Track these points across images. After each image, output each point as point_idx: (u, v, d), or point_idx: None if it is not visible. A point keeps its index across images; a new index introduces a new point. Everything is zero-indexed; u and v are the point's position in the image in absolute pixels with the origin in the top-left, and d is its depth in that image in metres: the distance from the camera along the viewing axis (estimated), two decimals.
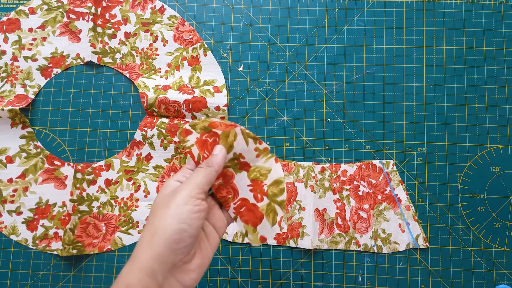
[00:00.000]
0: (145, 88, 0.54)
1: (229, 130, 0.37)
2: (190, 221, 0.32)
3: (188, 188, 0.33)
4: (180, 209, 0.32)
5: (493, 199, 0.53)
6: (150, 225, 0.32)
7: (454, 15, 0.57)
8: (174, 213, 0.32)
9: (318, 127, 0.55)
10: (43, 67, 0.56)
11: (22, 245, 0.52)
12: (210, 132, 0.37)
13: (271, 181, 0.37)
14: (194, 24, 0.57)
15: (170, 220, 0.31)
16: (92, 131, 0.55)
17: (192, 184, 0.34)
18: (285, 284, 0.51)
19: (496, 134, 0.54)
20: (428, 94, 0.55)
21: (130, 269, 0.31)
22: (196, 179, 0.34)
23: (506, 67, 0.56)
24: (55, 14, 0.57)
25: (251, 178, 0.37)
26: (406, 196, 0.53)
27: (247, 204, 0.37)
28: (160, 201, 0.34)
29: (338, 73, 0.56)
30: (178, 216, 0.31)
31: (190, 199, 0.32)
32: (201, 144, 0.37)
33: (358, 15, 0.57)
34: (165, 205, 0.33)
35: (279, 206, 0.37)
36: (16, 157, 0.54)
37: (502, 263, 0.52)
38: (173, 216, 0.31)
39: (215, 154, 0.36)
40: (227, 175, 0.38)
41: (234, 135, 0.37)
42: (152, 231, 0.32)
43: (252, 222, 0.37)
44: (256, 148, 0.37)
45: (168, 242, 0.31)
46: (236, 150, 0.37)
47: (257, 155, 0.37)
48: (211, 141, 0.37)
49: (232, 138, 0.37)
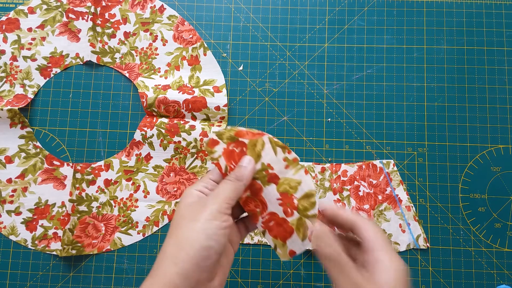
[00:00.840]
0: (145, 88, 0.54)
1: (256, 139, 0.35)
2: (217, 238, 0.30)
3: (217, 202, 0.32)
4: (208, 224, 0.30)
5: (494, 199, 0.53)
6: (174, 238, 0.31)
7: (455, 15, 0.57)
8: (202, 228, 0.30)
9: (318, 127, 0.55)
10: (42, 67, 0.56)
11: (21, 246, 0.52)
12: (236, 141, 0.35)
13: (302, 194, 0.35)
14: (193, 23, 0.57)
15: (198, 235, 0.30)
16: (92, 131, 0.55)
17: (221, 198, 0.32)
18: (285, 285, 0.51)
19: (497, 134, 0.54)
20: (429, 94, 0.55)
21: (152, 284, 0.29)
22: (224, 192, 0.33)
23: (507, 66, 0.56)
24: (55, 13, 0.57)
25: (281, 191, 0.35)
26: (406, 196, 0.53)
27: (277, 219, 0.35)
28: (184, 213, 0.32)
29: (338, 73, 0.56)
30: (206, 231, 0.30)
31: (218, 215, 0.31)
32: (228, 155, 0.36)
33: (359, 15, 0.57)
34: (191, 218, 0.31)
35: (310, 220, 0.35)
36: (15, 157, 0.54)
37: (503, 264, 0.51)
38: (200, 231, 0.30)
39: (244, 166, 0.34)
40: (255, 187, 0.36)
41: (262, 144, 0.35)
42: (177, 245, 0.30)
43: (282, 236, 0.35)
44: (285, 158, 0.35)
45: (195, 259, 0.29)
46: (264, 160, 0.35)
47: (286, 166, 0.35)
48: (238, 152, 0.35)
49: (260, 148, 0.35)
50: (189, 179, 0.54)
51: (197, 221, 0.30)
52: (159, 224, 0.53)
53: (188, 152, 0.53)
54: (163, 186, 0.54)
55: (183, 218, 0.32)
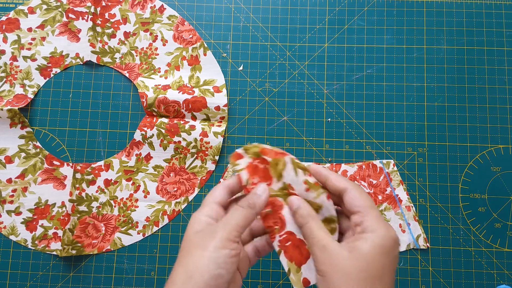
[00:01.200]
0: (145, 88, 0.54)
1: (278, 158, 0.35)
2: (227, 266, 0.30)
3: (227, 230, 0.31)
4: (218, 252, 0.30)
5: (494, 199, 0.53)
6: (183, 265, 0.30)
7: (454, 15, 0.57)
8: (211, 256, 0.30)
9: (318, 127, 0.55)
10: (42, 67, 0.56)
11: (21, 246, 0.52)
12: (260, 158, 0.35)
13: (322, 218, 0.34)
14: (193, 23, 0.57)
15: (207, 264, 0.29)
16: (92, 131, 0.55)
17: (231, 226, 0.31)
18: (285, 285, 0.51)
19: (497, 134, 0.54)
20: (429, 94, 0.55)
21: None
22: (235, 220, 0.32)
23: (507, 66, 0.56)
24: (55, 13, 0.57)
25: None
26: (406, 196, 0.53)
27: (294, 239, 0.34)
28: (193, 239, 0.31)
29: (338, 73, 0.56)
30: (215, 260, 0.30)
31: (227, 243, 0.30)
32: (252, 169, 0.35)
33: (359, 15, 0.57)
34: (201, 246, 0.30)
35: None
36: (15, 157, 0.54)
37: (503, 264, 0.51)
38: (210, 260, 0.30)
39: (258, 194, 0.34)
40: (276, 205, 0.35)
41: (284, 164, 0.35)
42: (186, 274, 0.30)
43: (297, 260, 0.34)
44: (305, 181, 0.35)
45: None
46: (286, 180, 0.35)
47: (307, 189, 0.35)
48: (262, 168, 0.35)
49: (282, 167, 0.35)
50: (189, 179, 0.54)
51: (206, 249, 0.30)
52: (159, 224, 0.53)
53: (188, 152, 0.53)
54: (163, 186, 0.54)
55: (192, 246, 0.31)
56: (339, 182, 0.33)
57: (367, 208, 0.31)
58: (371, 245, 0.29)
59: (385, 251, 0.30)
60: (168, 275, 0.52)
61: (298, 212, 0.34)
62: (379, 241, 0.30)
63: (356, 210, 0.31)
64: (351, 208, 0.32)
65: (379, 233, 0.30)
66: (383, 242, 0.30)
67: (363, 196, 0.32)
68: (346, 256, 0.29)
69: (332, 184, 0.34)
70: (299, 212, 0.34)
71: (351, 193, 0.32)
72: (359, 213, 0.31)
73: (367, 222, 0.30)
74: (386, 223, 0.31)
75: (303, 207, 0.34)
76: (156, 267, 0.52)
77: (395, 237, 0.30)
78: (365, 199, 0.32)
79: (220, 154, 0.54)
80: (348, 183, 0.33)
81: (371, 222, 0.30)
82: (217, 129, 0.53)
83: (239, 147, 0.35)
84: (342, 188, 0.33)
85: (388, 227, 0.31)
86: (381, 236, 0.30)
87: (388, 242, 0.30)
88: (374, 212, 0.31)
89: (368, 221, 0.30)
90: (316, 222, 0.33)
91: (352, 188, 0.33)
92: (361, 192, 0.33)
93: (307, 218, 0.33)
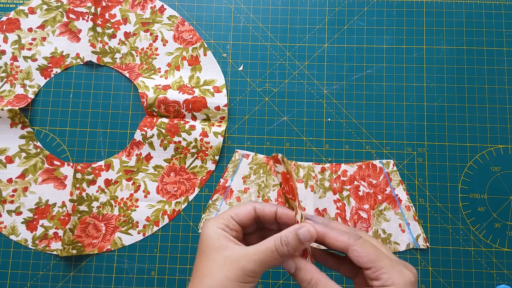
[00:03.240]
0: (145, 88, 0.54)
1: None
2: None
3: (252, 263, 0.30)
4: (237, 284, 0.30)
5: (493, 199, 0.53)
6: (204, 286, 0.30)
7: (454, 15, 0.57)
8: (234, 286, 0.29)
9: (318, 127, 0.55)
10: (43, 67, 0.56)
11: (21, 245, 0.52)
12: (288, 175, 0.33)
13: None
14: (194, 24, 0.57)
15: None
16: (92, 131, 0.55)
17: (257, 263, 0.30)
18: (285, 284, 0.51)
19: (496, 134, 0.54)
20: (429, 94, 0.55)
21: None
22: (266, 261, 0.30)
23: (506, 67, 0.56)
24: (55, 14, 0.57)
25: None
26: (406, 196, 0.53)
27: None
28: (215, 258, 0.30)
29: (338, 73, 0.56)
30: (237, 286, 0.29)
31: (251, 278, 0.30)
32: (284, 178, 0.33)
33: (358, 15, 0.57)
34: (224, 274, 0.30)
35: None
36: (16, 157, 0.54)
37: (503, 263, 0.51)
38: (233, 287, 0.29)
39: (302, 241, 0.31)
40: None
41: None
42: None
43: None
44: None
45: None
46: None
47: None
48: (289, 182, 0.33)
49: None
50: (189, 179, 0.54)
51: (229, 279, 0.29)
52: (159, 224, 0.53)
53: (188, 152, 0.54)
54: (163, 186, 0.54)
55: (215, 267, 0.30)
56: (339, 241, 0.31)
57: (377, 262, 0.30)
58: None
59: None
60: (168, 274, 0.52)
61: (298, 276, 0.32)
62: None
63: (367, 266, 0.30)
64: (361, 265, 0.31)
65: (401, 283, 0.29)
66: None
67: (368, 249, 0.31)
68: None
69: (331, 243, 0.32)
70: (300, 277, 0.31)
71: (356, 251, 0.31)
72: (371, 268, 0.30)
73: (384, 275, 0.29)
74: (400, 266, 0.30)
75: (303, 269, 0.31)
76: (156, 266, 0.52)
77: (413, 279, 0.30)
78: (372, 251, 0.31)
79: (220, 154, 0.54)
80: (348, 237, 0.32)
81: (388, 275, 0.29)
82: (217, 129, 0.54)
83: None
84: (344, 247, 0.31)
85: (404, 270, 0.30)
86: (403, 285, 0.29)
87: (413, 286, 0.30)
88: (386, 261, 0.30)
89: (385, 273, 0.29)
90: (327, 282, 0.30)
91: (354, 244, 0.31)
92: (364, 245, 0.31)
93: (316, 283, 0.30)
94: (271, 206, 0.34)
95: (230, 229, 0.32)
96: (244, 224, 0.34)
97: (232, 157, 0.54)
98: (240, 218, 0.33)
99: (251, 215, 0.33)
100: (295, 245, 0.31)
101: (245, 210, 0.33)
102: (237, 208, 0.34)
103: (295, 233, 0.31)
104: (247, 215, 0.33)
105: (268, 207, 0.34)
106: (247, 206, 0.34)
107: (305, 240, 0.31)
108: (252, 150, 0.54)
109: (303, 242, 0.31)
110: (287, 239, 0.31)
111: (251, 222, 0.34)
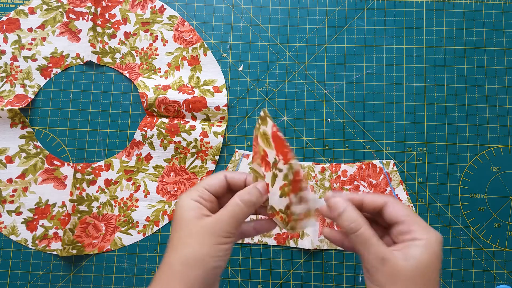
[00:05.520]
0: (145, 88, 0.54)
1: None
2: (226, 257, 0.31)
3: (227, 226, 0.32)
4: (218, 248, 0.31)
5: (493, 199, 0.53)
6: (180, 254, 0.31)
7: (454, 15, 0.57)
8: (211, 251, 0.31)
9: (318, 127, 0.55)
10: (43, 67, 0.56)
11: (21, 245, 0.52)
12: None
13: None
14: (194, 24, 0.57)
15: (208, 260, 0.30)
16: (92, 131, 0.55)
17: (231, 222, 0.32)
18: (285, 284, 0.51)
19: (496, 134, 0.54)
20: (429, 94, 0.55)
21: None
22: (236, 216, 0.32)
23: (506, 67, 0.56)
24: (55, 14, 0.57)
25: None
26: (406, 196, 0.53)
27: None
28: (191, 228, 0.32)
29: (338, 73, 0.56)
30: (215, 254, 0.31)
31: (227, 239, 0.31)
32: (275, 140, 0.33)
33: (358, 15, 0.57)
34: (199, 240, 0.31)
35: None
36: (16, 157, 0.54)
37: (503, 263, 0.51)
38: (210, 255, 0.31)
39: (260, 193, 0.34)
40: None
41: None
42: (187, 265, 0.30)
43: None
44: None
45: (206, 280, 0.30)
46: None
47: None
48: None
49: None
50: (189, 179, 0.54)
51: (205, 244, 0.31)
52: (159, 224, 0.53)
53: (188, 152, 0.54)
54: (163, 186, 0.54)
55: (189, 236, 0.31)
56: (377, 199, 0.34)
57: (411, 216, 0.32)
58: (427, 252, 0.30)
59: (438, 254, 0.31)
60: None
61: (344, 215, 0.33)
62: (433, 246, 0.31)
63: (401, 220, 0.32)
64: (396, 219, 0.32)
65: (432, 239, 0.31)
66: (436, 247, 0.31)
67: (404, 206, 0.33)
68: (406, 267, 0.30)
69: (369, 203, 0.34)
70: (346, 215, 0.33)
71: (392, 206, 0.33)
72: (404, 222, 0.32)
73: (416, 229, 0.31)
74: (430, 227, 0.32)
75: (350, 210, 0.33)
76: (156, 266, 0.52)
77: (441, 239, 0.32)
78: (407, 209, 0.33)
79: (220, 154, 0.54)
80: (384, 197, 0.34)
81: (419, 229, 0.31)
82: (217, 129, 0.54)
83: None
84: (382, 203, 0.34)
85: (434, 230, 0.32)
86: (434, 242, 0.31)
87: (439, 246, 0.31)
88: (419, 219, 0.32)
89: (417, 228, 0.31)
90: (369, 228, 0.32)
91: (392, 201, 0.33)
92: (399, 203, 0.34)
93: (359, 224, 0.32)
94: (241, 175, 0.36)
95: (205, 200, 0.33)
96: (217, 194, 0.35)
97: (232, 157, 0.54)
98: (214, 188, 0.34)
99: (223, 184, 0.35)
100: (256, 194, 0.34)
101: (216, 179, 0.35)
102: (210, 179, 0.35)
103: (253, 185, 0.34)
104: (219, 184, 0.35)
105: (238, 175, 0.35)
106: (218, 175, 0.35)
107: (262, 189, 0.34)
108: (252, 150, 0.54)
109: (262, 193, 0.34)
110: (248, 190, 0.34)
111: (224, 190, 0.35)
